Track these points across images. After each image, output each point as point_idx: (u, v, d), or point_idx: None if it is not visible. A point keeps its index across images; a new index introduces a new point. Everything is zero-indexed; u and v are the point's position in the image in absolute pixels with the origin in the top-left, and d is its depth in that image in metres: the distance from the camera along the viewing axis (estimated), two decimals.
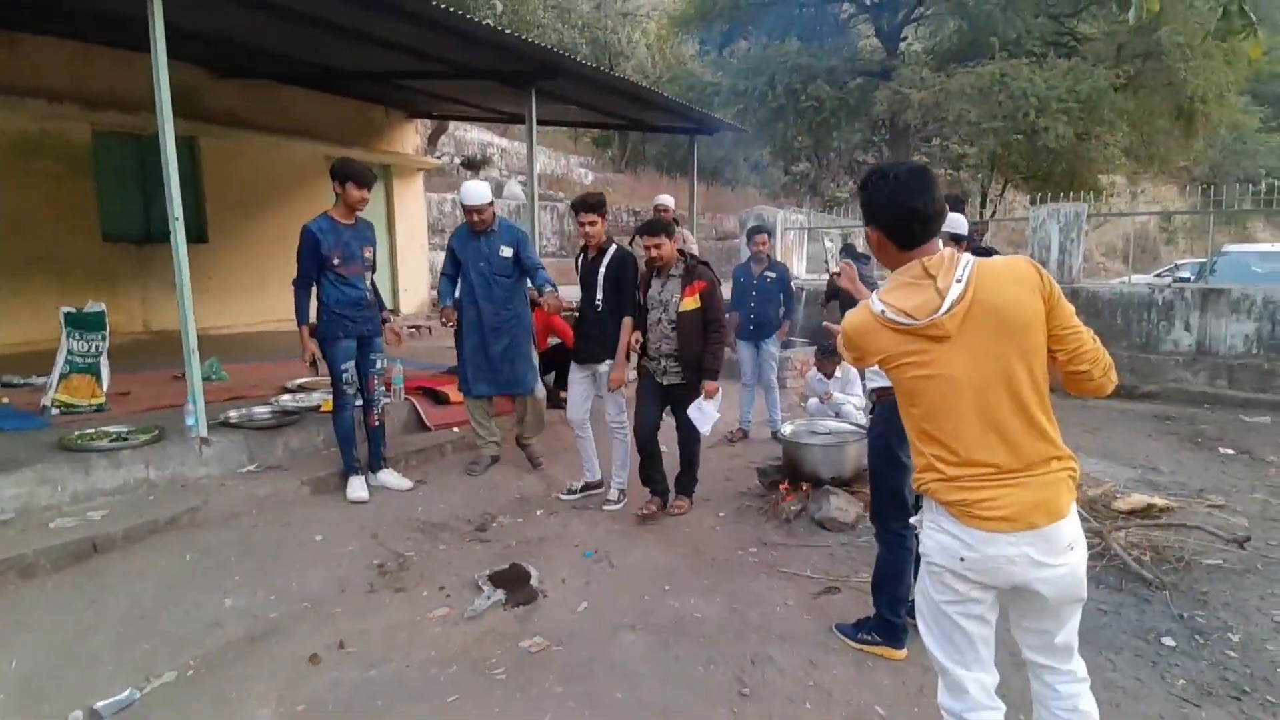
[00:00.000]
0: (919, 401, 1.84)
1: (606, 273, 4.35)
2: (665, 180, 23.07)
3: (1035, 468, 1.76)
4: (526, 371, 4.92)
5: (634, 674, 2.86)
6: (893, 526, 2.96)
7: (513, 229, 4.80)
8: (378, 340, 4.47)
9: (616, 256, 4.39)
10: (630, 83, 7.65)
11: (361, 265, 4.33)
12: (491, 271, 4.70)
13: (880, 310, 1.82)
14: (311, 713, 2.63)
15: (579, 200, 4.38)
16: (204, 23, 5.98)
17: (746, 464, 5.38)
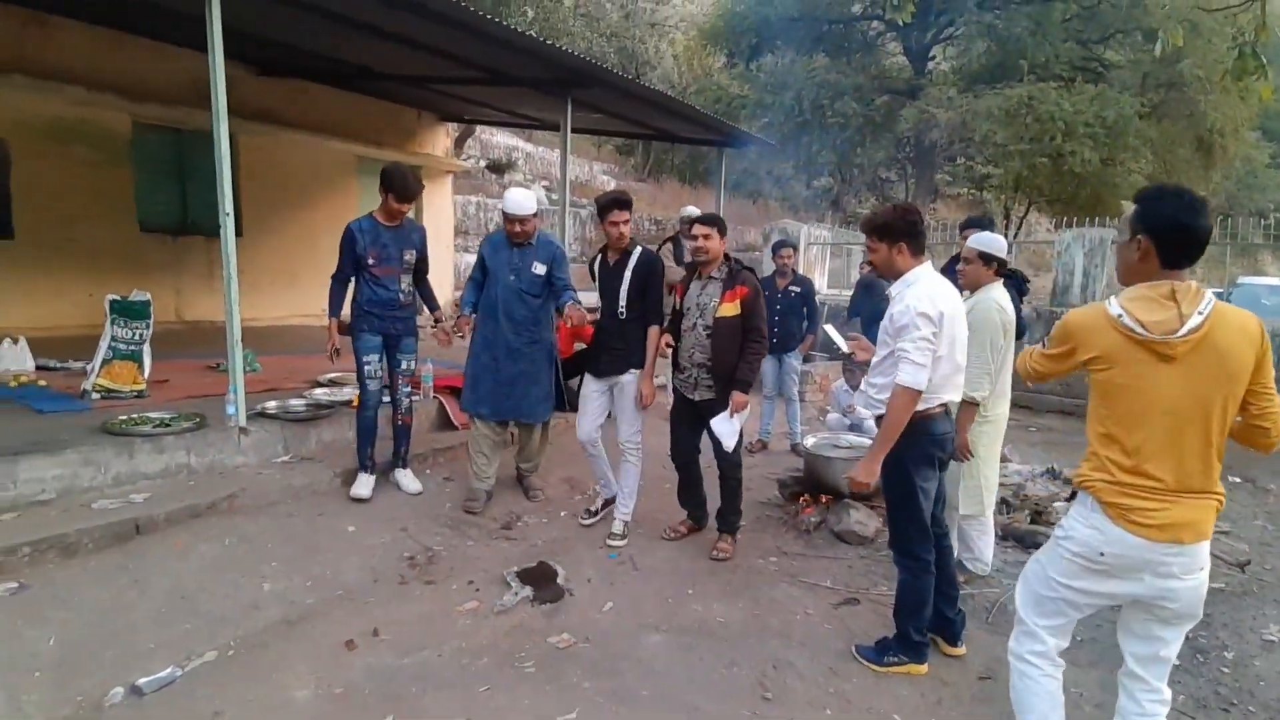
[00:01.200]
0: (1115, 408, 1.99)
1: (632, 277, 4.02)
2: (688, 190, 23.18)
3: (1194, 493, 1.96)
4: (540, 402, 4.51)
5: (659, 673, 2.93)
6: (915, 550, 2.94)
7: (551, 244, 4.43)
8: (406, 341, 4.41)
9: (643, 259, 4.06)
10: (664, 95, 7.75)
11: (398, 267, 4.29)
12: (519, 288, 4.33)
13: (1118, 314, 1.96)
14: (348, 696, 2.72)
15: (609, 198, 4.04)
16: (250, 21, 6.13)
17: (766, 474, 5.43)
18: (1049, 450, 6.72)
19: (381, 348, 4.35)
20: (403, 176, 4.20)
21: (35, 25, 7.06)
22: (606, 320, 4.13)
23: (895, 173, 25.47)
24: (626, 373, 4.11)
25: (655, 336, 4.06)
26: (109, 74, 7.55)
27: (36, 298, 7.27)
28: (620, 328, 4.07)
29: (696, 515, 4.35)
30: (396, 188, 4.16)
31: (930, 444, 2.87)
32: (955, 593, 3.16)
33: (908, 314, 2.75)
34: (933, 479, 2.93)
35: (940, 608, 3.09)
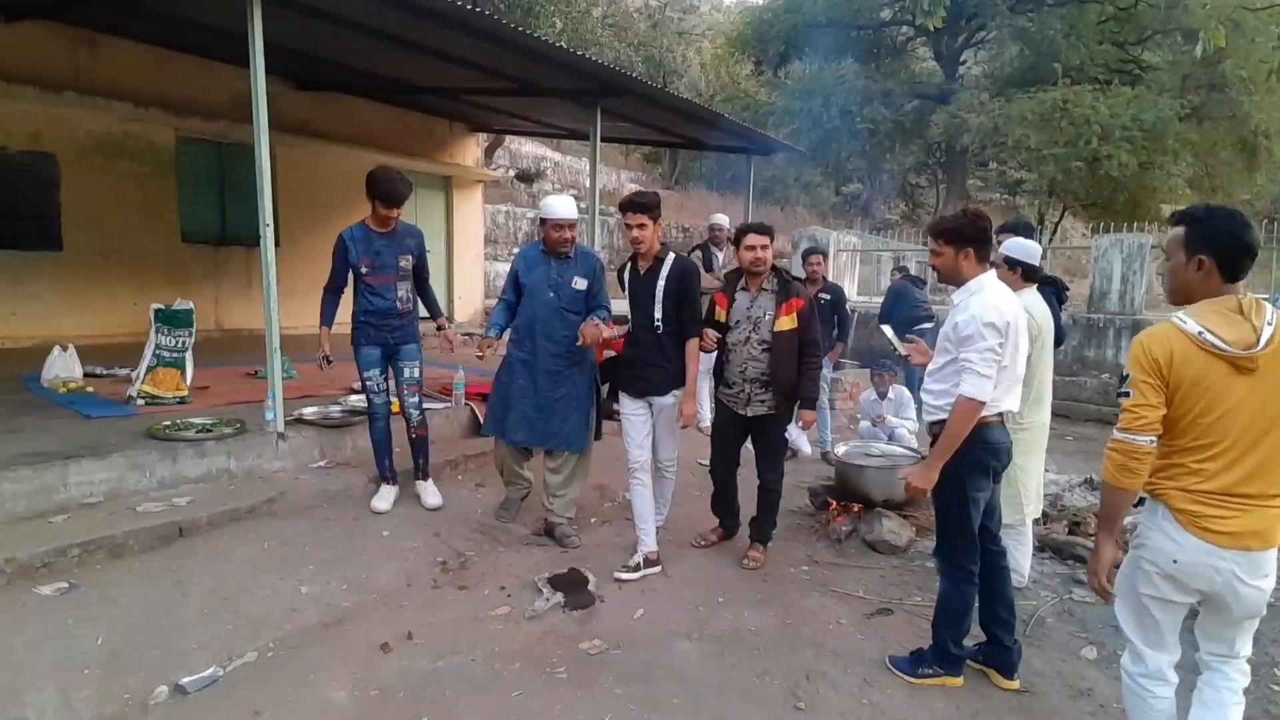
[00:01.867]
0: (1191, 419, 2.00)
1: (667, 286, 3.71)
2: (715, 197, 23.17)
3: (1264, 499, 2.00)
4: (580, 428, 4.14)
5: (691, 680, 2.93)
6: (961, 562, 2.89)
7: (590, 257, 4.14)
8: (407, 348, 4.24)
9: (677, 267, 3.75)
10: (692, 103, 7.80)
11: (394, 275, 4.12)
12: (560, 305, 4.00)
13: (1198, 332, 1.97)
14: (384, 698, 2.76)
15: (626, 199, 3.73)
16: (290, 37, 6.29)
17: (796, 483, 5.40)
18: (1088, 460, 6.59)
19: (381, 359, 4.22)
20: (388, 180, 3.97)
21: (86, 44, 7.32)
22: (642, 334, 3.82)
23: (925, 178, 25.25)
24: (669, 393, 3.84)
25: (695, 352, 3.77)
26: (155, 90, 7.79)
27: (84, 307, 7.51)
28: (659, 343, 3.78)
29: (728, 524, 4.34)
30: (382, 192, 3.94)
31: (986, 453, 2.81)
32: (1013, 620, 3.01)
33: (973, 324, 2.69)
34: (986, 489, 2.87)
35: (996, 634, 2.98)
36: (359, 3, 5.09)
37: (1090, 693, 2.98)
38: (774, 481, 4.09)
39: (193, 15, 6.25)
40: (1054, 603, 3.74)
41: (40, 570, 3.32)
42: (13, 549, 3.30)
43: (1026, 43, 15.92)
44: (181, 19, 6.43)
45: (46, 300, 7.32)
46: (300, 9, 5.02)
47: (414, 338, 4.31)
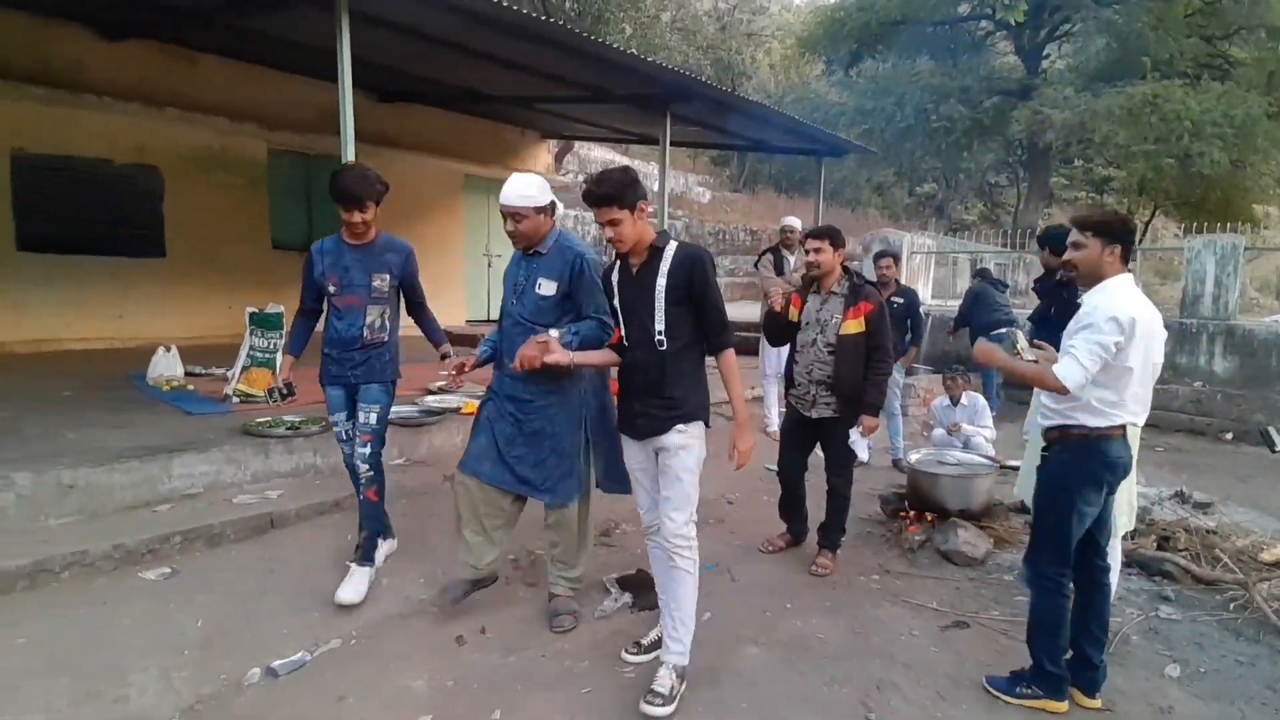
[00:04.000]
0: None
1: (670, 284, 2.68)
2: (784, 200, 22.96)
3: None
4: (561, 474, 3.24)
5: (758, 686, 2.92)
6: (1049, 572, 2.78)
7: (569, 252, 3.14)
8: (369, 389, 3.48)
9: (683, 256, 2.71)
10: (762, 106, 7.76)
11: (364, 296, 3.41)
12: (521, 315, 3.14)
13: None
14: (459, 689, 2.85)
15: (585, 190, 2.68)
16: (373, 51, 6.57)
17: (866, 490, 5.31)
18: (1177, 472, 6.25)
19: (347, 401, 3.54)
20: (346, 176, 3.30)
21: (185, 62, 7.81)
22: (639, 355, 2.80)
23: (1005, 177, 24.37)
24: (670, 430, 2.75)
25: (734, 366, 2.82)
26: (248, 105, 8.25)
27: (185, 310, 8.01)
28: (663, 364, 2.75)
29: (796, 530, 4.30)
30: (338, 191, 3.27)
31: (1101, 466, 2.69)
32: (1105, 638, 2.91)
33: (1095, 314, 2.59)
34: (1096, 503, 2.74)
35: (1085, 651, 2.86)
36: (441, 18, 5.27)
37: (1171, 710, 2.85)
38: (841, 486, 4.06)
39: (284, 34, 6.59)
40: (1139, 620, 3.58)
41: (145, 556, 3.57)
42: (121, 535, 3.56)
43: (1113, 36, 15.22)
44: (273, 37, 6.80)
45: (151, 303, 7.84)
46: (385, 25, 5.23)
47: (380, 376, 3.52)
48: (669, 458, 2.79)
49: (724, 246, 20.19)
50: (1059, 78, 17.05)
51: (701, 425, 2.82)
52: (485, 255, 11.37)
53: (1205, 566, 3.99)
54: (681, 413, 2.77)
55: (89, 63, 7.19)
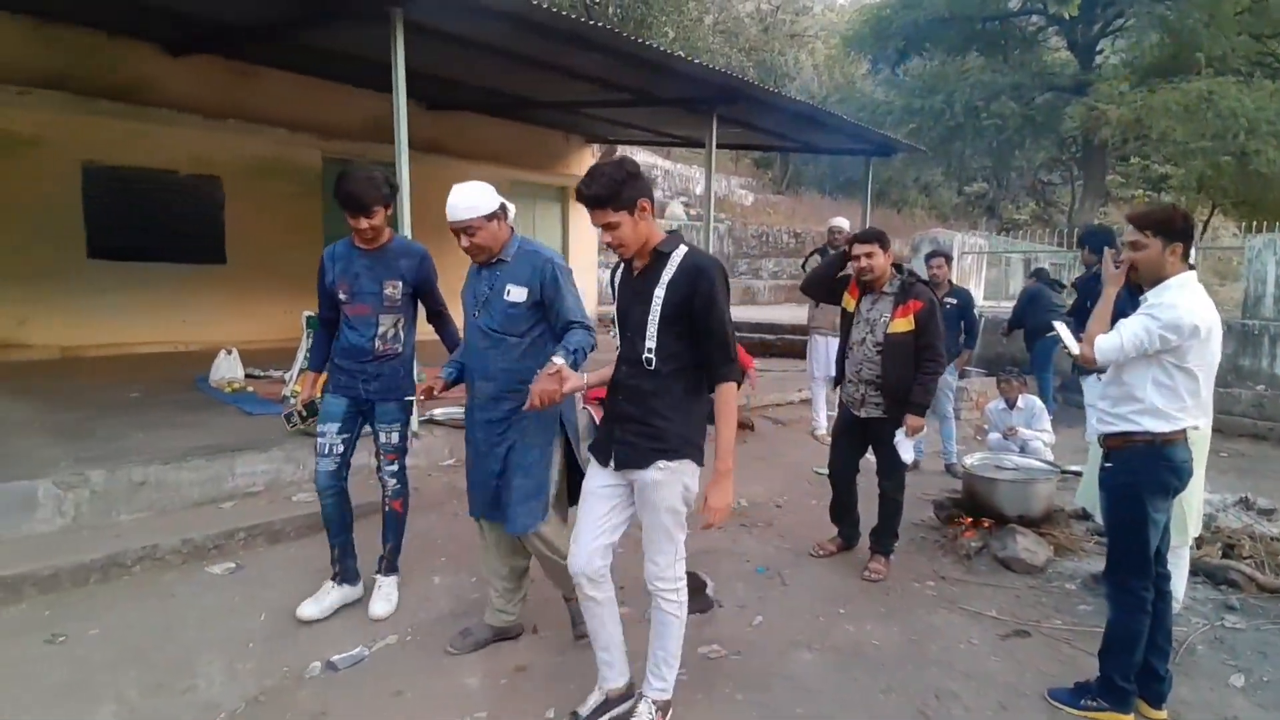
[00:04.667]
0: None
1: (669, 296, 2.30)
2: (827, 201, 22.71)
3: None
4: (522, 499, 2.87)
5: (812, 692, 2.89)
6: (1132, 586, 2.69)
7: (537, 255, 2.86)
8: (384, 407, 3.27)
9: (687, 266, 2.31)
10: (810, 106, 7.70)
11: (375, 305, 3.18)
12: (488, 326, 2.84)
13: None
14: (513, 686, 2.88)
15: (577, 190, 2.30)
16: (425, 62, 6.71)
17: (918, 494, 5.20)
18: (1241, 477, 6.00)
19: (348, 415, 3.26)
20: (351, 180, 3.06)
21: (246, 75, 8.07)
22: (624, 372, 2.43)
23: (1059, 175, 23.73)
24: (652, 466, 2.35)
25: (731, 405, 2.37)
26: (304, 116, 8.49)
27: (244, 314, 8.27)
28: (648, 387, 2.35)
29: (848, 533, 4.24)
30: (341, 195, 3.07)
31: (1168, 471, 2.62)
32: (1170, 648, 2.83)
33: (1158, 309, 2.54)
34: (1165, 509, 2.67)
35: (1150, 662, 2.76)
36: (492, 26, 5.35)
37: None
38: (893, 490, 4.00)
39: (340, 47, 6.77)
40: (1205, 629, 3.45)
41: (212, 551, 3.69)
42: (189, 531, 3.69)
43: (1167, 31, 14.75)
44: (329, 51, 6.98)
45: (212, 308, 8.11)
46: (437, 36, 5.33)
47: (397, 392, 3.31)
48: (649, 491, 2.38)
49: (767, 249, 20.04)
50: (1113, 73, 16.56)
51: (690, 464, 2.39)
52: None
53: (1270, 574, 3.85)
54: (666, 447, 2.34)
55: (156, 78, 7.48)
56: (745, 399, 6.74)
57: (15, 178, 6.80)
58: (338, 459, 3.25)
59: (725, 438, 2.37)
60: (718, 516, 2.37)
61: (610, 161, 2.24)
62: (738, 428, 6.07)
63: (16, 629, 2.95)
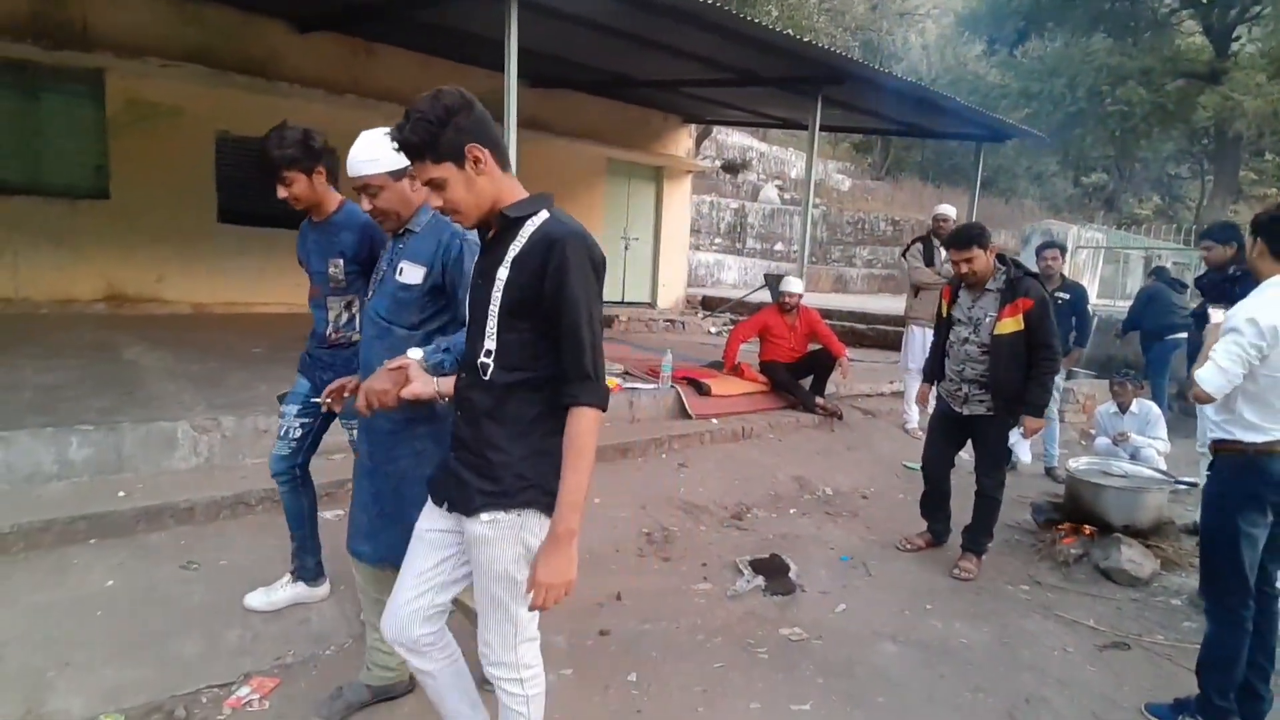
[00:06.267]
0: None
1: (512, 277, 1.67)
2: (929, 189, 21.86)
3: None
4: (386, 523, 2.24)
5: (896, 683, 2.87)
6: (1229, 602, 2.57)
7: (445, 230, 2.17)
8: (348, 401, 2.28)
9: (539, 237, 1.68)
10: (922, 88, 7.42)
11: (323, 285, 2.73)
12: (377, 311, 2.25)
13: None
14: (597, 649, 2.99)
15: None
16: (534, 40, 6.84)
17: (1015, 496, 5.02)
18: None
19: (308, 398, 2.80)
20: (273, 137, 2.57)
21: (364, 52, 8.44)
22: (464, 380, 1.79)
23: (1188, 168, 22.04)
24: (476, 515, 1.71)
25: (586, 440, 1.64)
26: (415, 91, 8.56)
27: None
28: (479, 400, 1.72)
29: (937, 530, 4.15)
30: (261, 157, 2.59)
31: (1261, 483, 2.49)
32: (1273, 668, 2.69)
33: (1236, 316, 2.45)
34: (1261, 525, 2.53)
35: (1251, 681, 2.64)
36: (601, 3, 5.40)
37: None
38: (992, 488, 3.86)
39: (452, 24, 6.98)
40: None
41: (323, 498, 3.91)
42: None
43: None
44: (442, 28, 7.21)
45: None
46: (548, 13, 5.43)
47: None
48: (474, 550, 1.74)
49: (863, 237, 19.51)
50: (1250, 62, 15.18)
51: (536, 517, 1.71)
52: (623, 239, 11.60)
53: None
54: (497, 489, 1.69)
55: (284, 54, 7.92)
56: (834, 387, 6.65)
57: (157, 145, 7.35)
58: (292, 444, 2.86)
59: (569, 484, 1.62)
60: (547, 597, 1.62)
61: (427, 95, 1.65)
62: (827, 416, 6.10)
63: (158, 554, 3.25)
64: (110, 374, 4.78)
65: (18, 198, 6.82)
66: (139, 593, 2.98)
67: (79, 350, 5.40)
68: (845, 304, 12.51)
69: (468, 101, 1.66)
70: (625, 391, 5.61)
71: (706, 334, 10.59)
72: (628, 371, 6.15)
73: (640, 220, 11.79)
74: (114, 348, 5.61)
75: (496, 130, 1.71)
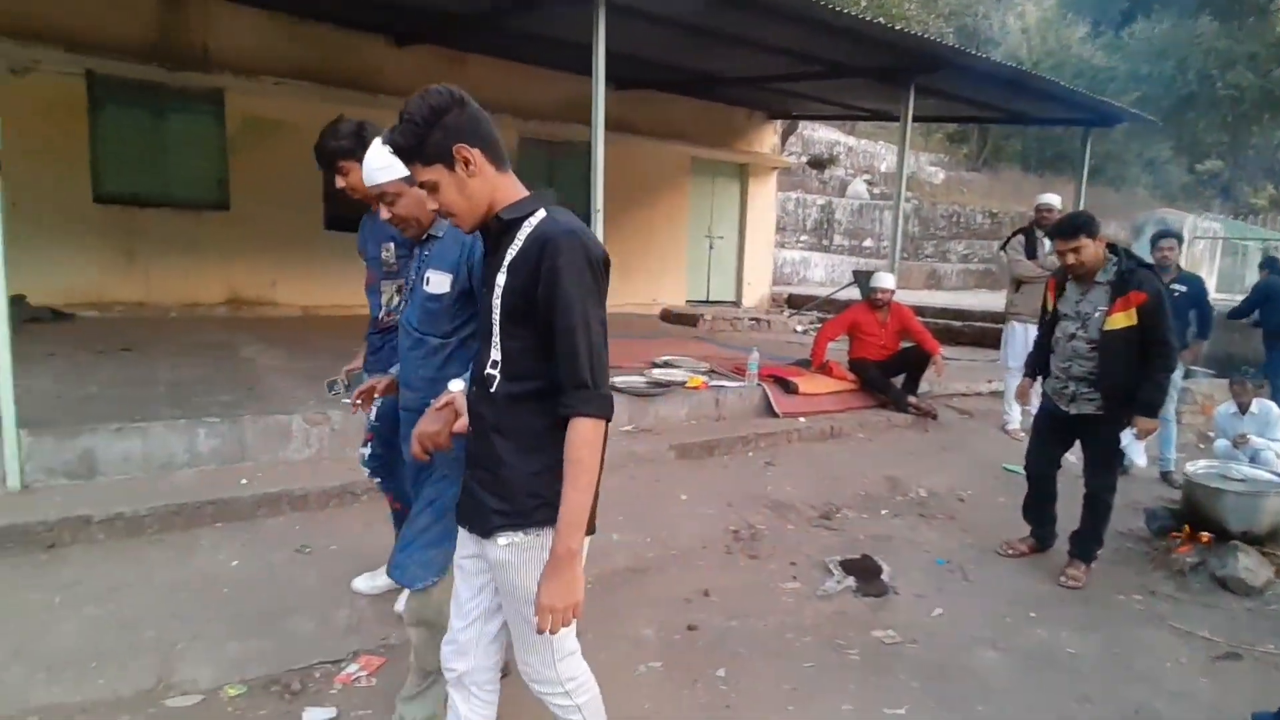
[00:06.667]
0: None
1: (510, 282, 1.58)
2: (1031, 178, 20.80)
3: None
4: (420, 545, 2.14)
5: (997, 691, 2.77)
6: None
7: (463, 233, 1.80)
8: None
9: (532, 238, 1.57)
10: (1026, 72, 7.11)
11: (377, 271, 2.82)
12: (410, 321, 2.18)
13: None
14: (685, 643, 3.01)
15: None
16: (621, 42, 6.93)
17: (1128, 502, 4.74)
18: None
19: None
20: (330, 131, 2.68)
21: (458, 63, 8.77)
22: (474, 391, 1.72)
23: None
24: (493, 536, 1.63)
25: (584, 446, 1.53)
26: (505, 99, 9.07)
27: None
28: (488, 413, 1.65)
29: (1041, 534, 3.96)
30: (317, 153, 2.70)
31: None
32: None
33: None
34: None
35: None
36: (689, 2, 5.42)
37: None
38: (1102, 492, 3.66)
39: (539, 31, 7.15)
40: None
41: None
42: None
43: None
44: (529, 35, 7.40)
45: None
46: (635, 15, 5.49)
47: None
48: (498, 573, 1.68)
49: (957, 230, 18.75)
50: None
51: (529, 531, 1.61)
52: (708, 237, 11.59)
53: None
54: (510, 509, 1.61)
55: (382, 67, 8.32)
56: (928, 386, 6.44)
57: (271, 159, 7.85)
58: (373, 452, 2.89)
59: (569, 502, 1.51)
60: (553, 621, 1.51)
61: (416, 96, 1.56)
62: (920, 415, 5.91)
63: (276, 538, 3.49)
64: (231, 371, 5.15)
65: (149, 210, 7.43)
66: (259, 573, 3.21)
67: (204, 349, 5.84)
68: (939, 301, 12.08)
69: (457, 100, 1.57)
70: (711, 389, 5.61)
71: (792, 332, 10.44)
72: (713, 370, 6.14)
73: (725, 218, 11.74)
74: (234, 347, 6.04)
75: (490, 128, 1.61)
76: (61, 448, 3.58)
